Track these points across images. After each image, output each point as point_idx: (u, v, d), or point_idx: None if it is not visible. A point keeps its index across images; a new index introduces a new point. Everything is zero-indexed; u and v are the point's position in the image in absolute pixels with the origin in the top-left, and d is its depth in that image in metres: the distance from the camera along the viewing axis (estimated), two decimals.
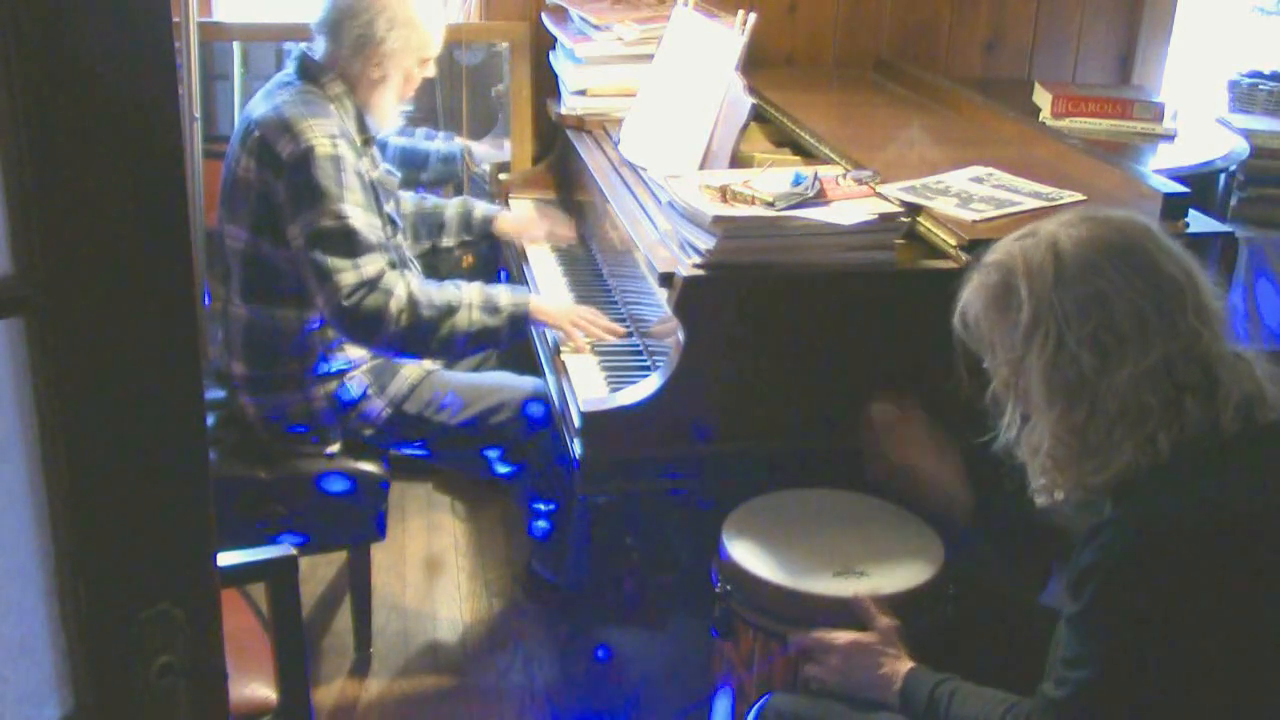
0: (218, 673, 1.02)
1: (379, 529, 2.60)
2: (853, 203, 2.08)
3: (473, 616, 2.92)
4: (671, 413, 2.01)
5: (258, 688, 1.89)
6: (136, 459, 0.92)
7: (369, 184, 2.45)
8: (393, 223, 2.58)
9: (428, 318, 2.35)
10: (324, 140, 2.36)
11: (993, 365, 1.55)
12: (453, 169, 3.26)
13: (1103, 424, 1.43)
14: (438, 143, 3.28)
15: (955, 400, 1.65)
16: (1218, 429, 1.42)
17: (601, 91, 3.01)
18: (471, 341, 2.41)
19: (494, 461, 2.62)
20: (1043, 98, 3.16)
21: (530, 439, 2.55)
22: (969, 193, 2.21)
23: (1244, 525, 1.41)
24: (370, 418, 2.54)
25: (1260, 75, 3.69)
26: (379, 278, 2.35)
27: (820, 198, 2.08)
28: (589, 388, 2.18)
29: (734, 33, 2.48)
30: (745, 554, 1.89)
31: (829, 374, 2.06)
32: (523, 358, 2.69)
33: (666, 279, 2.02)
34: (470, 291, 2.41)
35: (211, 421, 2.53)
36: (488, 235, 2.97)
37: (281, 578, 1.79)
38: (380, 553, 2.88)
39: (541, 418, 2.52)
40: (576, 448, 2.04)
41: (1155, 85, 3.67)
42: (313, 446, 2.53)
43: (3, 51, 0.80)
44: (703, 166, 2.41)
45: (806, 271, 2.01)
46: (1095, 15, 3.63)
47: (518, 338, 2.47)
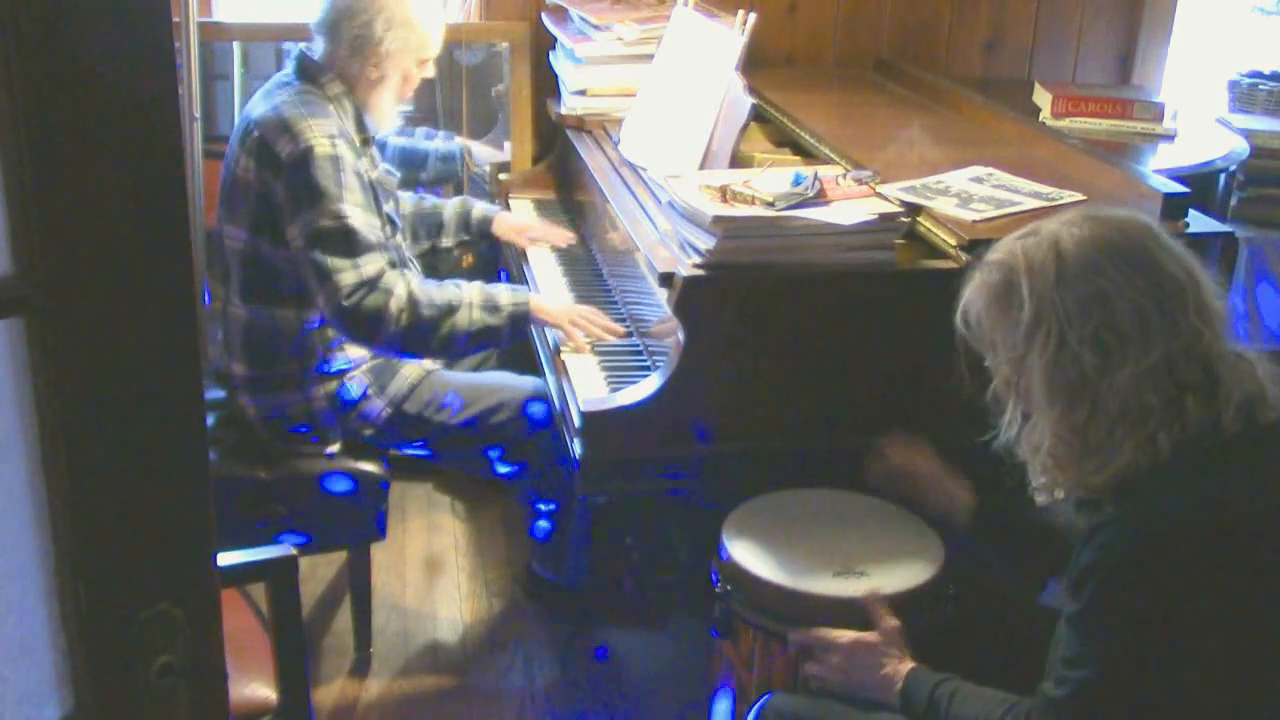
0: (218, 673, 1.02)
1: (379, 529, 2.60)
2: (853, 203, 2.08)
3: (473, 616, 2.91)
4: (671, 413, 2.01)
5: (258, 688, 1.89)
6: (136, 459, 0.92)
7: (368, 184, 2.45)
8: (392, 222, 2.58)
9: (428, 317, 2.35)
10: (323, 140, 2.36)
11: (994, 364, 1.55)
12: (452, 168, 3.27)
13: (1104, 423, 1.43)
14: (437, 142, 3.29)
15: (956, 400, 1.65)
16: (1219, 428, 1.42)
17: (601, 91, 3.01)
18: (472, 341, 2.41)
19: (495, 461, 2.62)
20: (1043, 98, 3.16)
21: (530, 439, 2.55)
22: (969, 193, 2.21)
23: (1244, 525, 1.41)
24: (370, 418, 2.54)
25: (1260, 75, 3.69)
26: (379, 277, 2.35)
27: (820, 198, 2.08)
28: (589, 388, 2.18)
29: (734, 33, 2.48)
30: (745, 554, 1.89)
31: (829, 374, 2.06)
32: (523, 358, 2.70)
33: (666, 279, 2.02)
34: (470, 291, 2.41)
35: (211, 421, 2.53)
36: (486, 235, 2.97)
37: (281, 578, 1.79)
38: (380, 553, 2.88)
39: (543, 418, 2.52)
40: (576, 448, 2.04)
41: (1155, 85, 3.67)
42: (313, 446, 2.53)
43: (3, 51, 0.80)
44: (703, 166, 2.41)
45: (806, 271, 2.01)
46: (1095, 15, 3.64)
47: (518, 337, 2.47)
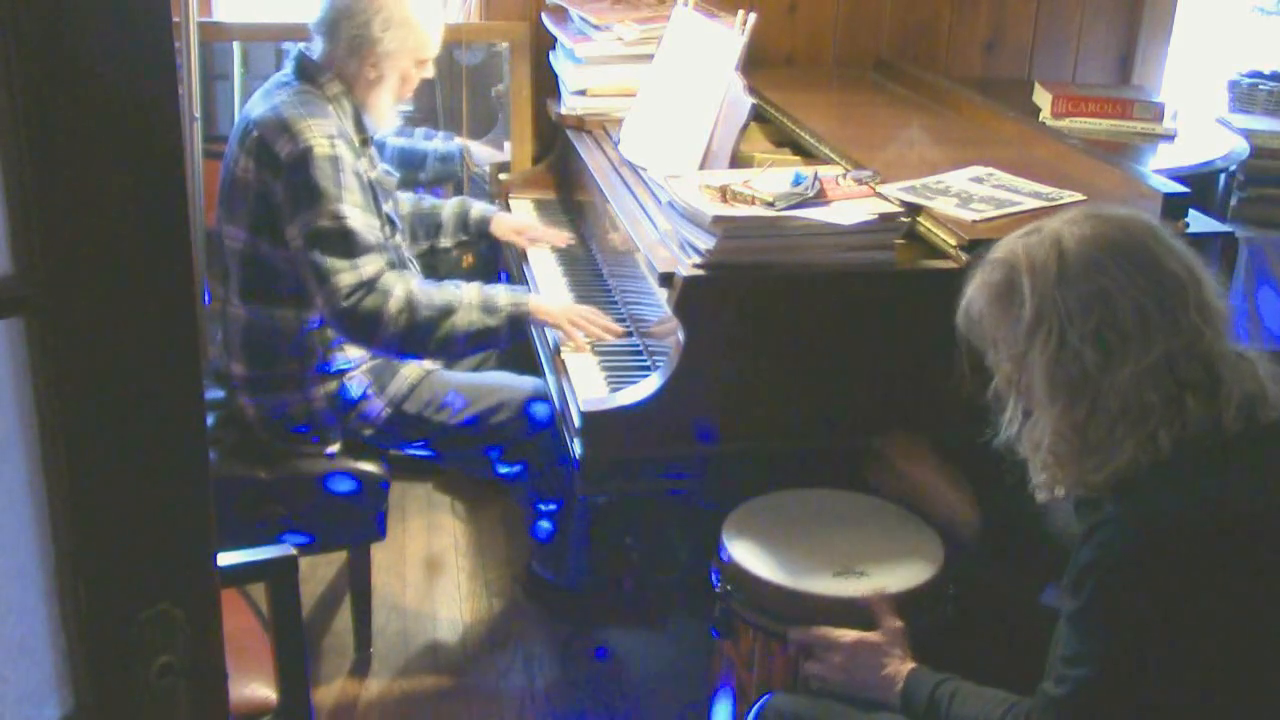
0: (218, 673, 1.02)
1: (379, 529, 2.60)
2: (853, 203, 2.08)
3: (473, 616, 2.91)
4: (671, 413, 2.01)
5: (258, 688, 1.89)
6: (136, 459, 0.92)
7: (367, 184, 2.45)
8: (391, 222, 2.58)
9: (426, 318, 2.35)
10: (322, 140, 2.36)
11: (995, 361, 1.56)
12: (450, 168, 3.27)
13: (1104, 421, 1.43)
14: (436, 143, 3.28)
15: (956, 399, 1.65)
16: (1219, 427, 1.42)
17: (601, 91, 3.01)
18: (470, 342, 2.41)
19: (496, 462, 2.62)
20: (1043, 98, 3.16)
21: (531, 439, 2.55)
22: (969, 193, 2.21)
23: (1244, 524, 1.41)
24: (370, 418, 2.54)
25: (1260, 75, 3.69)
26: (377, 278, 2.35)
27: (820, 198, 2.08)
28: (589, 388, 2.18)
29: (734, 33, 2.48)
30: (745, 554, 1.89)
31: (829, 374, 2.06)
32: (523, 358, 2.70)
33: (666, 279, 2.02)
34: (469, 292, 2.41)
35: (211, 421, 2.52)
36: (485, 235, 2.97)
37: (281, 578, 1.79)
38: (380, 553, 2.88)
39: (543, 418, 2.52)
40: (576, 448, 2.04)
41: (1155, 85, 3.67)
42: (313, 446, 2.53)
43: (3, 51, 0.80)
44: (703, 166, 2.41)
45: (806, 271, 2.01)
46: (1095, 15, 3.64)
47: (517, 338, 2.46)
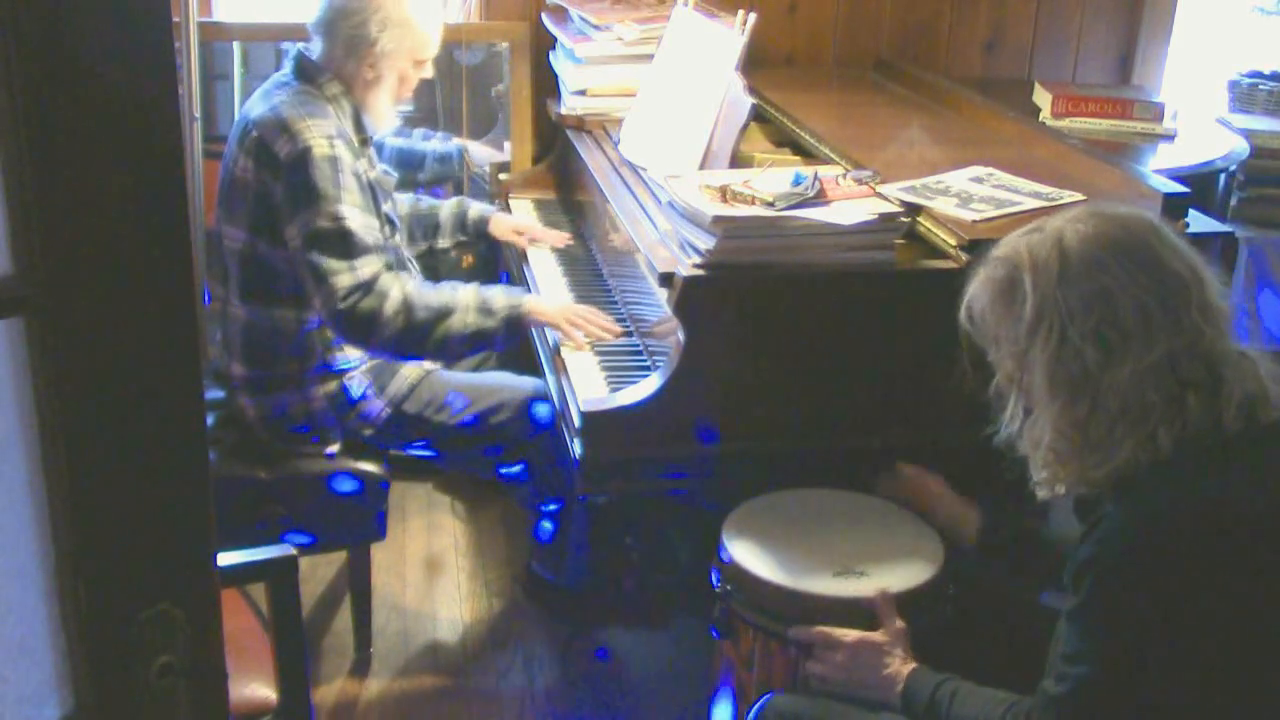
0: (218, 673, 1.02)
1: (379, 529, 2.60)
2: (853, 203, 2.08)
3: (473, 616, 2.91)
4: (671, 413, 2.01)
5: (258, 688, 1.89)
6: (136, 459, 0.92)
7: (367, 184, 2.45)
8: (390, 223, 2.58)
9: (422, 320, 2.35)
10: (321, 141, 2.36)
11: (997, 359, 1.56)
12: (449, 169, 3.26)
13: (1104, 419, 1.43)
14: (434, 143, 3.28)
15: (956, 399, 1.65)
16: (1220, 427, 1.42)
17: (601, 91, 3.01)
18: (467, 343, 2.41)
19: (498, 463, 2.62)
20: (1043, 98, 3.16)
21: (531, 439, 2.55)
22: (969, 193, 2.21)
23: (1244, 523, 1.41)
24: (370, 418, 2.54)
25: (1260, 75, 3.69)
26: (374, 280, 2.35)
27: (820, 198, 2.08)
28: (589, 388, 2.18)
29: (734, 33, 2.48)
30: (745, 554, 1.89)
31: (829, 374, 2.05)
32: (523, 358, 2.70)
33: (666, 279, 2.02)
34: (466, 294, 2.41)
35: (211, 421, 2.52)
36: (483, 236, 2.97)
37: (281, 578, 1.79)
38: (380, 553, 2.88)
39: (544, 418, 2.52)
40: (576, 448, 2.04)
41: (1155, 85, 3.67)
42: (312, 447, 2.53)
43: (3, 51, 0.80)
44: (703, 166, 2.41)
45: (806, 271, 2.01)
46: (1095, 15, 3.63)
47: (514, 339, 2.46)
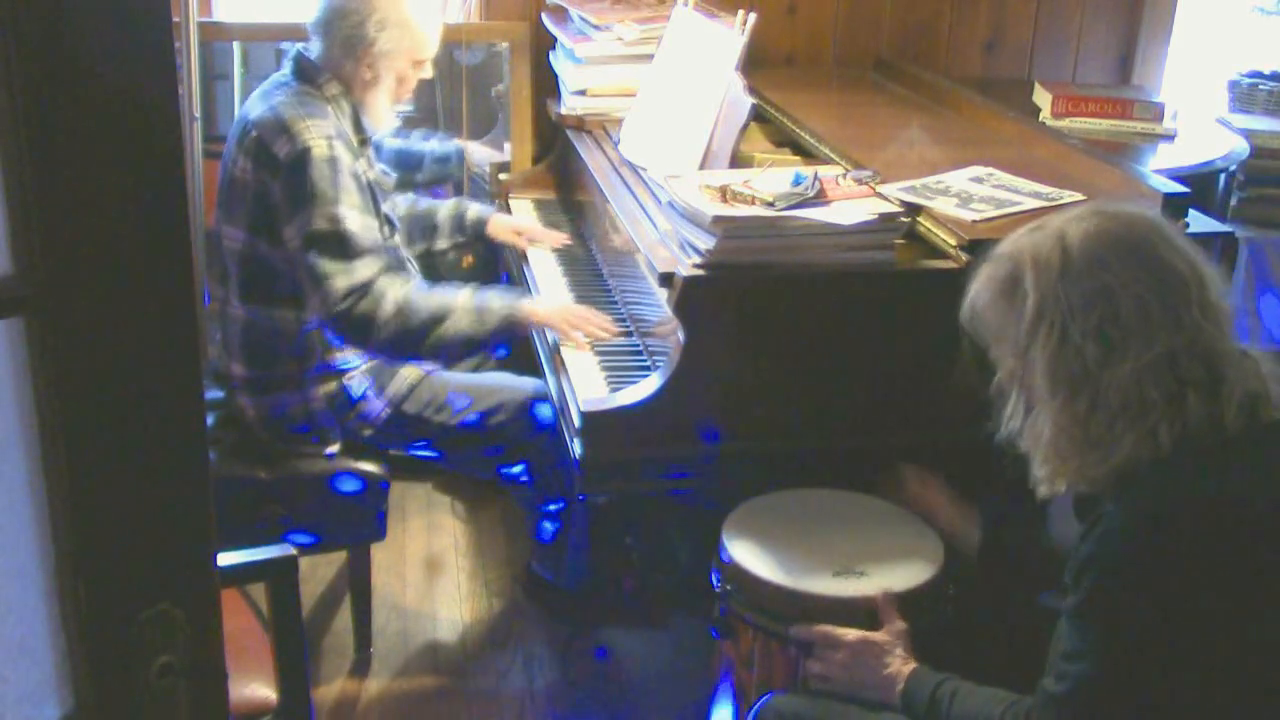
0: (218, 673, 1.02)
1: (379, 529, 2.60)
2: (853, 203, 2.08)
3: (473, 616, 2.91)
4: (671, 413, 2.01)
5: (258, 688, 1.89)
6: (136, 459, 0.92)
7: (366, 185, 2.45)
8: (389, 223, 2.58)
9: (418, 323, 2.35)
10: (320, 141, 2.35)
11: (999, 356, 1.57)
12: (447, 169, 3.25)
13: (1104, 416, 1.44)
14: (433, 143, 3.27)
15: (956, 399, 1.65)
16: (1220, 425, 1.43)
17: (601, 91, 3.01)
18: (462, 347, 2.40)
19: (499, 464, 2.61)
20: (1043, 98, 3.16)
21: (531, 440, 2.55)
22: (969, 193, 2.21)
23: (1245, 522, 1.42)
24: (369, 418, 2.54)
25: (1260, 75, 3.69)
26: (371, 282, 2.34)
27: (820, 198, 2.08)
28: (589, 388, 2.18)
29: (734, 33, 2.48)
30: (745, 554, 1.89)
31: (829, 374, 2.05)
32: (523, 358, 2.70)
33: (666, 279, 2.02)
34: (463, 297, 2.40)
35: (211, 421, 2.52)
36: (481, 237, 2.96)
37: (281, 578, 1.79)
38: (380, 553, 2.88)
39: (543, 419, 2.52)
40: (576, 448, 2.04)
41: (1155, 85, 3.67)
42: (312, 447, 2.53)
43: (3, 51, 0.80)
44: (703, 166, 2.41)
45: (806, 271, 2.01)
46: (1095, 15, 3.63)
47: (509, 344, 2.46)
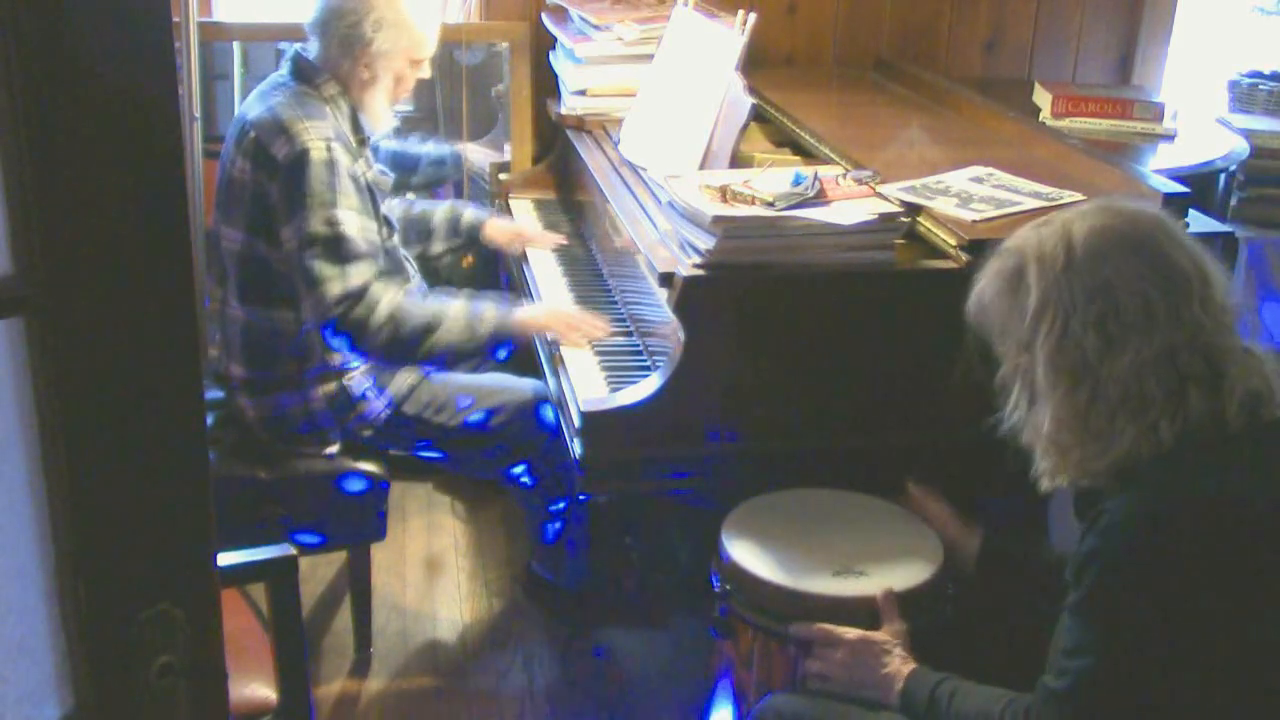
0: (218, 673, 1.02)
1: (379, 529, 2.60)
2: (853, 203, 2.08)
3: (473, 616, 2.91)
4: (671, 413, 2.01)
5: (258, 688, 1.89)
6: (136, 459, 0.92)
7: (364, 186, 2.44)
8: (388, 224, 2.58)
9: (409, 332, 2.34)
10: (319, 143, 2.35)
11: (1003, 349, 1.59)
12: (443, 172, 3.25)
13: (1104, 408, 1.45)
14: (429, 146, 3.27)
15: (955, 399, 1.65)
16: (1222, 422, 1.44)
17: (601, 91, 3.01)
18: (454, 357, 2.40)
19: (502, 465, 2.61)
20: (1043, 98, 3.16)
21: (532, 440, 2.55)
22: (969, 193, 2.21)
23: (1246, 520, 1.42)
24: (369, 419, 2.54)
25: (1260, 75, 3.69)
26: (364, 289, 2.34)
27: (820, 198, 2.08)
28: (589, 388, 2.18)
29: (734, 33, 2.48)
30: (745, 553, 1.89)
31: (829, 374, 2.05)
32: (524, 358, 2.69)
33: (666, 279, 2.02)
34: (456, 306, 2.40)
35: (211, 421, 2.52)
36: (476, 241, 2.96)
37: (281, 578, 1.80)
38: (380, 553, 2.88)
39: (546, 419, 2.52)
40: (576, 448, 2.04)
41: (1155, 85, 3.67)
42: (312, 447, 2.52)
43: (3, 51, 0.80)
44: (703, 166, 2.41)
45: (806, 271, 2.01)
46: (1095, 15, 3.63)
47: (499, 354, 2.45)
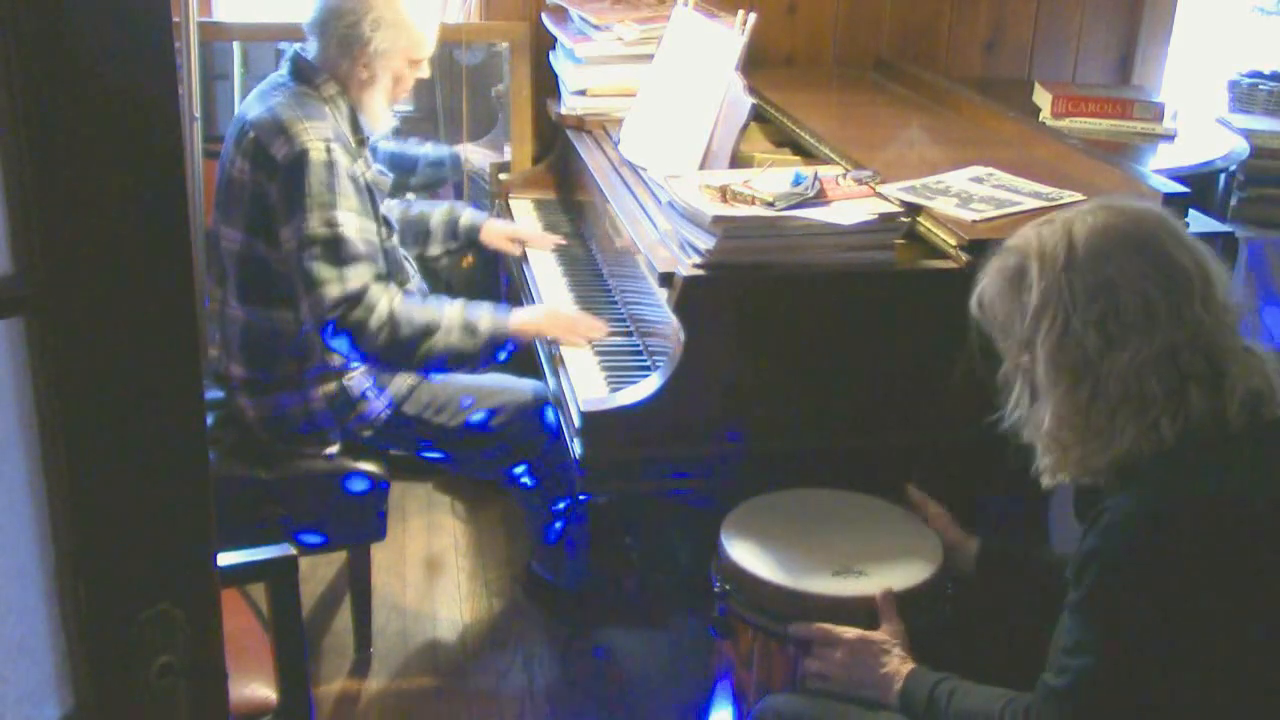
0: (218, 673, 1.02)
1: (379, 529, 2.60)
2: (853, 203, 2.08)
3: (473, 616, 2.91)
4: (671, 413, 2.01)
5: (258, 688, 1.89)
6: (136, 459, 0.92)
7: (364, 186, 2.44)
8: (387, 224, 2.57)
9: (406, 337, 2.34)
10: (318, 144, 2.35)
11: (1005, 346, 1.59)
12: (441, 174, 3.25)
13: (1105, 405, 1.46)
14: (427, 147, 3.27)
15: (955, 399, 1.66)
16: (1223, 421, 1.44)
17: (601, 91, 3.01)
18: (450, 362, 2.40)
19: (503, 466, 2.61)
20: (1043, 98, 3.16)
21: (533, 441, 2.55)
22: (969, 193, 2.21)
23: (1246, 520, 1.42)
24: (369, 419, 2.54)
25: (1260, 75, 3.69)
26: (363, 292, 2.33)
27: (820, 198, 2.08)
28: (589, 388, 2.18)
29: (734, 33, 2.48)
30: (744, 553, 1.89)
31: (829, 374, 2.06)
32: (523, 358, 2.69)
33: (666, 279, 2.02)
34: (453, 311, 2.39)
35: (211, 421, 2.52)
36: (474, 244, 2.95)
37: (281, 578, 1.80)
38: (380, 553, 2.88)
39: (546, 420, 2.51)
40: (576, 448, 2.04)
41: (1155, 85, 3.67)
42: (312, 447, 2.52)
43: (3, 51, 0.80)
44: (703, 166, 2.41)
45: (806, 271, 2.01)
46: (1095, 15, 3.63)
47: (500, 355, 2.45)
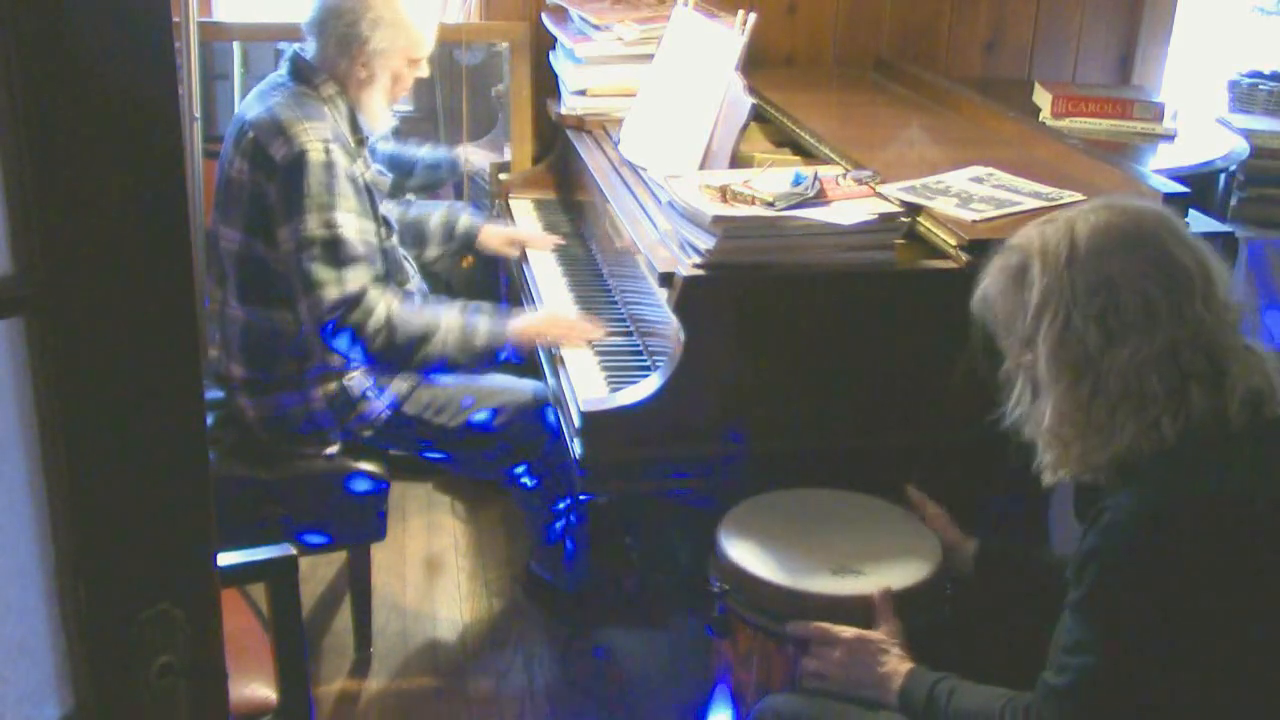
0: (218, 673, 1.02)
1: (379, 529, 2.60)
2: (853, 203, 2.08)
3: (473, 616, 2.91)
4: (671, 413, 2.01)
5: (258, 688, 1.89)
6: (136, 459, 0.92)
7: (363, 186, 2.44)
8: (387, 224, 2.57)
9: (403, 341, 2.34)
10: (317, 145, 2.34)
11: (1007, 343, 1.60)
12: (439, 175, 3.25)
13: (1105, 402, 1.46)
14: (426, 149, 3.27)
15: (955, 400, 1.66)
16: (1224, 419, 1.44)
17: (601, 91, 3.01)
18: (448, 365, 2.40)
19: (504, 466, 2.61)
20: (1043, 98, 3.16)
21: (533, 441, 2.55)
22: (969, 193, 2.21)
23: (1247, 519, 1.42)
24: (369, 419, 2.53)
25: (1260, 75, 3.69)
26: (361, 295, 2.34)
27: (820, 198, 2.08)
28: (589, 388, 2.18)
29: (734, 33, 2.48)
30: (743, 553, 1.89)
31: (829, 374, 2.06)
32: (524, 359, 2.69)
33: (666, 279, 2.02)
34: (450, 316, 2.40)
35: (211, 421, 2.52)
36: (471, 247, 2.95)
37: (281, 578, 1.80)
38: (380, 553, 2.88)
39: (546, 420, 2.51)
40: (576, 448, 2.04)
41: (1155, 85, 3.67)
42: (312, 447, 2.52)
43: (3, 51, 0.80)
44: (703, 166, 2.41)
45: (806, 271, 2.01)
46: (1095, 15, 3.63)
47: (499, 358, 2.45)
